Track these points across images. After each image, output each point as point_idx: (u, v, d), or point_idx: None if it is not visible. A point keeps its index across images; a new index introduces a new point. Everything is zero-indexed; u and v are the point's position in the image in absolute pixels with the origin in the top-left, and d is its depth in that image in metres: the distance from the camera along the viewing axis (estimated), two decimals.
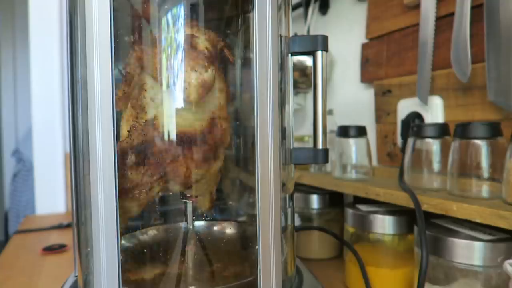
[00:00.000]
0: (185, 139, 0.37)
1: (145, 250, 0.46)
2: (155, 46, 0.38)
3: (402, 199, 0.50)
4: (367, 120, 0.78)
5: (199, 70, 0.37)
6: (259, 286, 0.33)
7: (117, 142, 0.32)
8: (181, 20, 0.38)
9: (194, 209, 0.45)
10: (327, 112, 0.74)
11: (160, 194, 0.42)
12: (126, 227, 0.43)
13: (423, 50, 0.62)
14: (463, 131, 0.48)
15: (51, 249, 0.76)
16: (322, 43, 0.37)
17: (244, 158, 0.48)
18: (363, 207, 0.58)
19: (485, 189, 0.46)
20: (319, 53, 0.37)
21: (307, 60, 0.86)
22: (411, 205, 0.48)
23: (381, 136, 0.74)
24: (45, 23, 1.15)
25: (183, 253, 0.43)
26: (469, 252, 0.41)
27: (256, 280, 0.33)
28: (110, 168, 0.31)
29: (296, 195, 0.73)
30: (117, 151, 0.31)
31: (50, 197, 1.16)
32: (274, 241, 0.33)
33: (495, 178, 0.46)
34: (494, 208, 0.40)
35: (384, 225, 0.54)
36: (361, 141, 0.64)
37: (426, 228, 0.45)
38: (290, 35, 0.39)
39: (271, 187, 0.33)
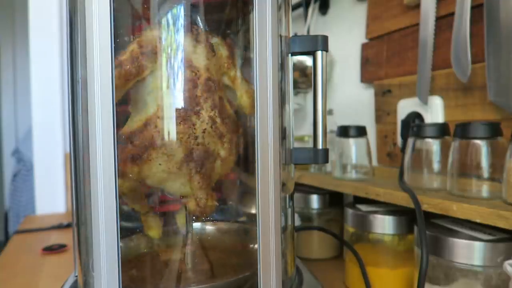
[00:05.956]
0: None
1: (145, 250, 0.46)
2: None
3: (402, 199, 0.50)
4: (367, 120, 0.78)
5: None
6: (259, 286, 0.33)
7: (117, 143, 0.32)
8: (181, 21, 0.38)
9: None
10: (327, 112, 0.74)
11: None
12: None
13: (423, 50, 0.62)
14: (463, 131, 0.48)
15: (51, 249, 0.76)
16: (322, 43, 0.37)
17: (244, 159, 0.48)
18: (363, 207, 0.58)
19: (485, 189, 0.46)
20: (319, 53, 0.37)
21: (307, 60, 0.86)
22: (411, 205, 0.48)
23: (381, 136, 0.74)
24: (45, 24, 1.15)
25: (182, 254, 0.43)
26: (469, 252, 0.41)
27: (255, 276, 0.33)
28: (110, 168, 0.31)
29: (296, 195, 0.73)
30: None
31: (50, 197, 1.16)
32: (274, 241, 0.33)
33: (495, 178, 0.46)
34: (494, 208, 0.40)
35: (384, 225, 0.54)
36: (361, 141, 0.64)
37: (426, 228, 0.45)
38: (290, 35, 0.39)
39: (271, 187, 0.33)
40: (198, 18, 0.40)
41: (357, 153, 0.64)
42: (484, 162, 0.46)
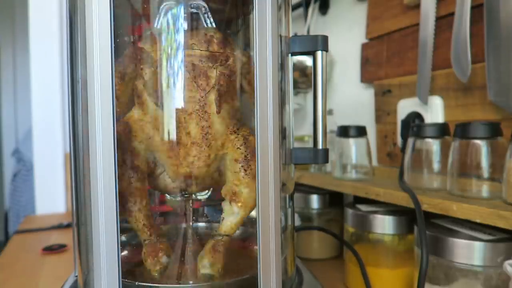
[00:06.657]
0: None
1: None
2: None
3: (402, 199, 0.50)
4: (367, 120, 0.78)
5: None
6: (259, 286, 0.33)
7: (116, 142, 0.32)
8: (181, 21, 0.38)
9: (194, 210, 0.45)
10: (327, 112, 0.74)
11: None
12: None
13: (423, 50, 0.62)
14: (463, 131, 0.48)
15: (51, 249, 0.76)
16: (322, 43, 0.37)
17: None
18: (363, 207, 0.58)
19: (485, 189, 0.46)
20: (319, 53, 0.37)
21: (307, 60, 0.86)
22: (411, 205, 0.48)
23: (381, 136, 0.74)
24: (45, 23, 1.15)
25: (182, 253, 0.43)
26: (469, 252, 0.41)
27: (255, 278, 0.33)
28: (110, 168, 0.31)
29: (296, 195, 0.73)
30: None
31: (50, 197, 1.15)
32: (274, 241, 0.33)
33: (495, 178, 0.46)
34: (494, 208, 0.40)
35: (384, 225, 0.54)
36: (361, 141, 0.64)
37: (426, 228, 0.45)
38: (290, 35, 0.39)
39: (271, 187, 0.33)
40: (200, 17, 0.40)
41: (357, 153, 0.64)
42: (484, 162, 0.46)
